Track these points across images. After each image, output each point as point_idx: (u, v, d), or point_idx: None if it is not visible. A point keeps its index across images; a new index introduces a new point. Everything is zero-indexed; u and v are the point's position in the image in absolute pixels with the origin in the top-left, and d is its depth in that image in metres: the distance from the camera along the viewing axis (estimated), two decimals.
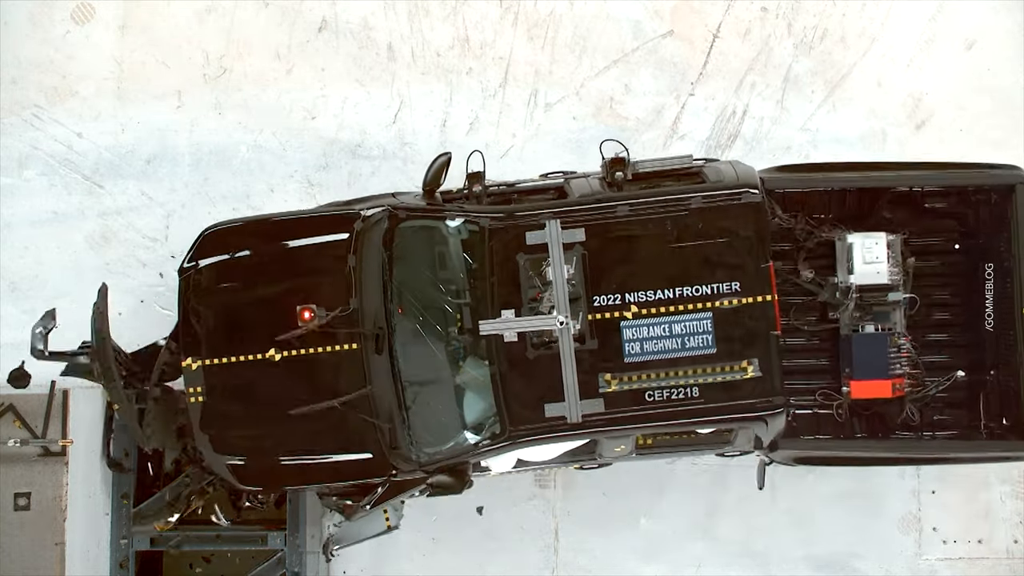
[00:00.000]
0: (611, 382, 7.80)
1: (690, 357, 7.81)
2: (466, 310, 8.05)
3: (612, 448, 8.18)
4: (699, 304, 7.82)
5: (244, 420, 8.27)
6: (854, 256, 8.28)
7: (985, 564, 9.98)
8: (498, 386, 7.90)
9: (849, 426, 8.63)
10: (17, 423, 9.42)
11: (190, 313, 8.31)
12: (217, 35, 10.15)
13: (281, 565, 9.26)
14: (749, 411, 7.82)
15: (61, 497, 9.29)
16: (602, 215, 7.91)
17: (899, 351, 8.42)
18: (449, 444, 8.08)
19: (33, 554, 9.29)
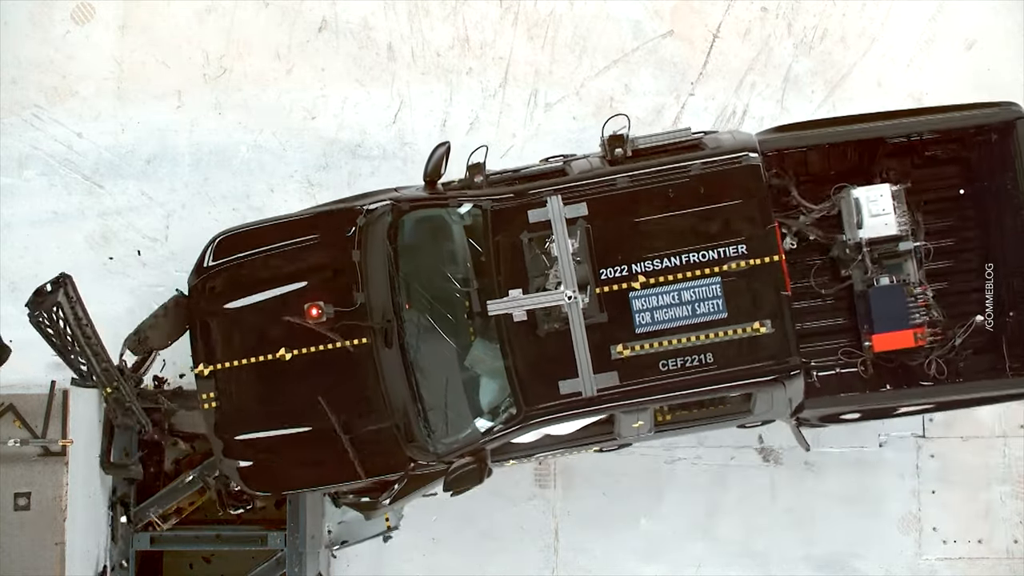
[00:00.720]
0: (624, 353, 7.74)
1: (701, 323, 7.77)
2: (474, 294, 7.99)
3: (630, 425, 8.08)
4: (706, 269, 7.80)
5: (256, 422, 8.27)
6: (861, 210, 8.25)
7: (985, 564, 9.98)
8: (511, 367, 7.84)
9: (874, 381, 8.50)
10: (17, 423, 9.42)
11: (200, 320, 8.33)
12: (217, 35, 10.15)
13: (281, 565, 9.25)
14: (765, 373, 7.77)
15: (61, 497, 9.28)
16: (603, 189, 7.90)
17: (916, 301, 8.37)
18: (466, 432, 8.02)
19: (33, 554, 9.28)
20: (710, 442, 9.98)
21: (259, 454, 8.31)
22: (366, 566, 9.93)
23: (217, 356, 8.25)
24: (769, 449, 9.99)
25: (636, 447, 9.96)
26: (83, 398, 9.36)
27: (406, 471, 8.15)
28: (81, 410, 9.36)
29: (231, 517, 9.88)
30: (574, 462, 9.96)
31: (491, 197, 8.02)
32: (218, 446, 8.36)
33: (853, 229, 8.34)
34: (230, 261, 8.40)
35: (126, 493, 9.36)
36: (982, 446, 10.02)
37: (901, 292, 8.35)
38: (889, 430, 9.99)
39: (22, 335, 9.74)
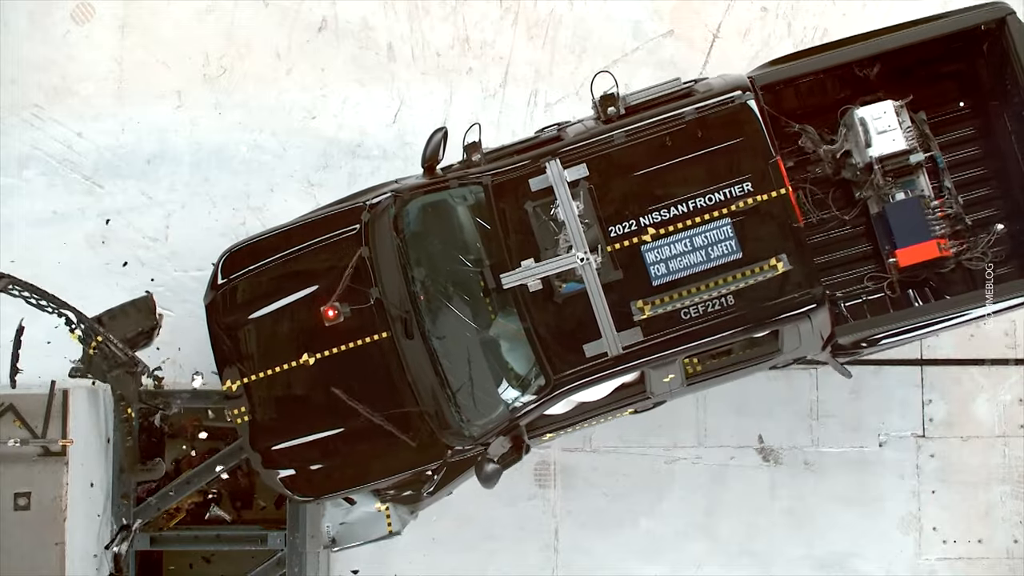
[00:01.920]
0: (644, 308, 7.68)
1: (717, 267, 7.71)
2: (487, 271, 7.94)
3: (661, 380, 8.03)
4: (715, 212, 7.75)
5: (291, 430, 8.29)
6: (868, 129, 8.23)
7: (985, 564, 9.99)
8: (533, 338, 7.78)
9: (902, 300, 8.47)
10: (17, 423, 9.43)
11: (220, 337, 8.35)
12: (217, 35, 10.15)
13: (281, 565, 9.25)
14: (788, 308, 7.70)
15: (61, 497, 9.29)
16: (601, 147, 7.86)
17: (934, 212, 8.36)
18: (499, 410, 7.98)
19: (33, 554, 9.29)
20: (710, 442, 9.99)
21: (299, 461, 8.32)
22: (366, 566, 9.93)
23: (242, 371, 8.28)
24: (769, 449, 10.00)
25: (636, 447, 9.97)
26: (83, 398, 9.37)
27: (444, 459, 8.13)
28: (81, 410, 9.36)
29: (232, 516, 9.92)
30: (574, 462, 9.97)
31: (490, 172, 7.98)
32: (256, 459, 8.38)
33: (862, 150, 8.31)
34: (242, 275, 8.41)
35: (126, 493, 9.36)
36: (982, 446, 10.02)
37: (917, 204, 8.31)
38: (889, 430, 10.00)
39: (23, 335, 9.76)
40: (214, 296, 8.42)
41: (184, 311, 9.94)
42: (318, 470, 8.34)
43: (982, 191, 8.61)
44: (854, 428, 9.99)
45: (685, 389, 8.35)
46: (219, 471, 9.03)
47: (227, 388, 8.28)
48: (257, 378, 8.26)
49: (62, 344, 9.84)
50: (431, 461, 8.19)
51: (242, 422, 8.30)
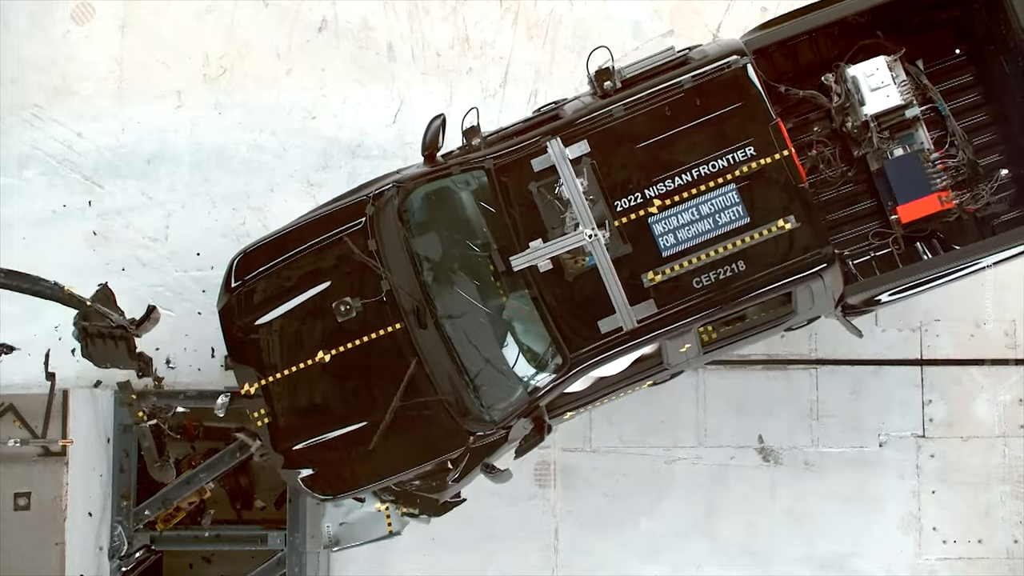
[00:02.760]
0: (656, 280, 7.70)
1: (726, 232, 7.72)
2: (496, 255, 7.94)
3: (677, 351, 8.04)
4: (719, 179, 7.76)
5: (310, 428, 8.28)
6: (861, 88, 8.22)
7: (985, 564, 9.99)
8: (547, 318, 7.79)
9: (910, 255, 8.48)
10: (17, 423, 9.44)
11: (235, 341, 8.37)
12: (217, 35, 10.16)
13: (281, 565, 9.26)
14: (800, 269, 7.71)
15: (61, 497, 9.30)
16: (601, 122, 7.86)
17: (934, 165, 8.35)
18: (517, 392, 7.99)
19: (33, 554, 9.29)
20: (710, 442, 9.99)
21: (320, 459, 8.30)
22: (366, 566, 9.92)
23: (259, 373, 8.28)
24: (769, 449, 10.00)
25: (636, 447, 9.97)
26: (83, 398, 9.38)
27: (467, 446, 8.13)
28: (81, 410, 9.37)
29: (232, 516, 9.92)
30: (574, 462, 9.97)
31: (492, 156, 7.97)
32: (278, 460, 8.38)
33: (856, 108, 8.30)
34: (252, 278, 8.40)
35: (126, 493, 9.36)
36: (982, 446, 10.02)
37: (916, 159, 8.31)
38: (889, 430, 10.00)
39: (22, 335, 9.78)
40: (227, 300, 8.42)
41: (184, 311, 9.94)
42: (340, 467, 8.31)
43: (984, 137, 8.57)
44: (854, 428, 9.99)
45: (702, 358, 8.35)
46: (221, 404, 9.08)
47: (245, 391, 8.27)
48: (274, 379, 8.26)
49: (63, 344, 9.86)
50: (454, 449, 8.16)
51: (261, 424, 8.28)
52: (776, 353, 10.03)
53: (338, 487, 8.38)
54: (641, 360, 8.15)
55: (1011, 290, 10.05)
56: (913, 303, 10.03)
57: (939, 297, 10.05)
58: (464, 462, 8.24)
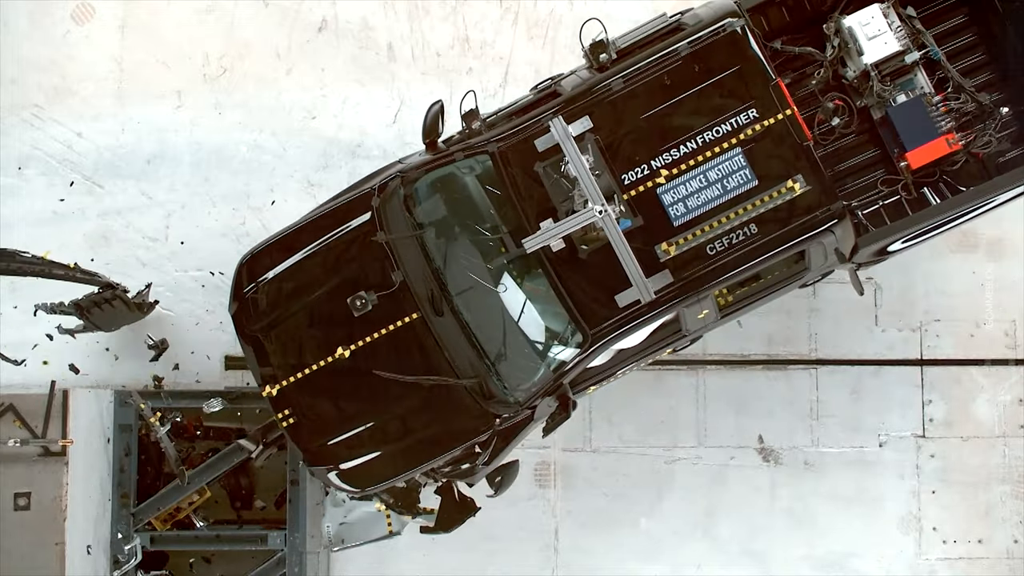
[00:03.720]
0: (669, 250, 7.71)
1: (735, 197, 7.74)
2: (507, 238, 7.94)
3: (695, 317, 8.05)
4: (724, 143, 7.76)
5: (336, 425, 8.26)
6: (858, 37, 8.20)
7: (985, 564, 9.99)
8: (564, 297, 7.79)
9: (919, 201, 8.45)
10: (17, 423, 9.41)
11: (252, 344, 8.33)
12: (217, 35, 10.15)
13: (281, 565, 9.26)
14: (812, 227, 7.74)
15: (61, 497, 9.28)
16: (601, 96, 7.84)
17: (937, 108, 8.34)
18: (540, 372, 8.00)
19: (33, 554, 9.28)
20: (710, 442, 9.99)
21: (349, 455, 8.28)
22: (366, 566, 9.93)
23: (279, 374, 8.23)
24: (769, 449, 10.00)
25: (636, 447, 9.98)
26: (83, 398, 9.37)
27: (494, 428, 8.14)
28: (81, 410, 9.36)
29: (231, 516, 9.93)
30: (574, 462, 9.97)
31: (494, 139, 7.95)
32: (306, 459, 8.38)
33: (855, 59, 8.29)
34: (262, 280, 8.36)
35: (126, 492, 9.37)
36: (982, 446, 10.03)
37: (920, 104, 8.31)
38: (889, 430, 10.00)
39: (22, 335, 9.77)
40: (239, 305, 8.38)
41: (184, 311, 9.94)
42: (369, 460, 8.28)
43: (982, 77, 8.56)
44: (854, 428, 9.99)
45: (720, 321, 8.37)
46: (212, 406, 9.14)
47: (267, 393, 8.23)
48: (295, 379, 8.22)
49: (61, 344, 9.86)
50: (480, 433, 8.17)
51: (287, 424, 8.25)
52: (776, 353, 10.04)
53: (371, 479, 8.35)
54: (660, 328, 8.16)
55: (1011, 290, 10.06)
56: (913, 303, 10.06)
57: (939, 297, 10.07)
58: (492, 445, 8.26)
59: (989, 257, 10.10)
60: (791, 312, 10.03)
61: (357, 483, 8.32)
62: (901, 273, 10.07)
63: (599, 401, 9.88)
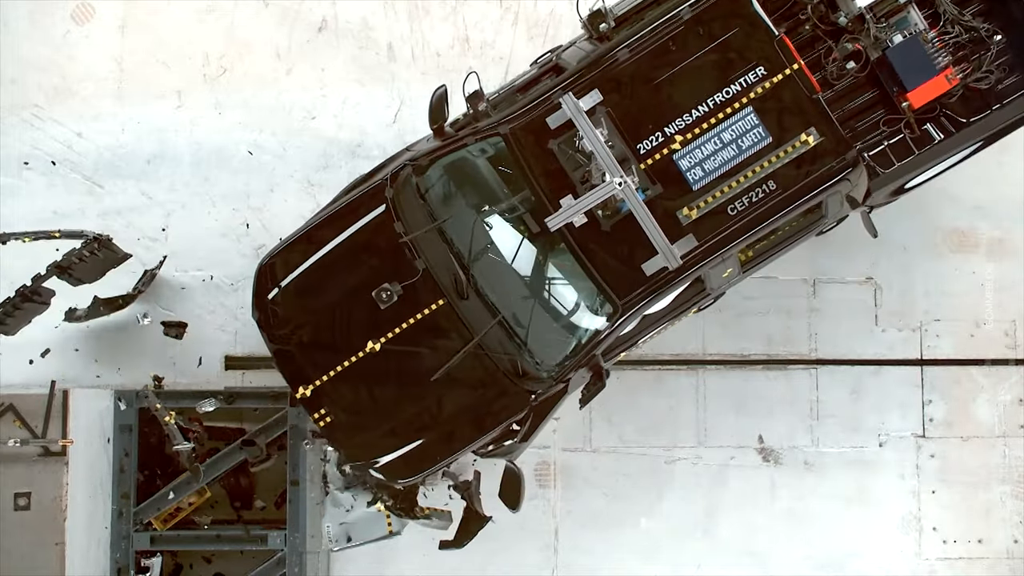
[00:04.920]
0: (691, 214, 7.77)
1: (751, 156, 7.80)
2: (527, 217, 7.96)
3: (720, 276, 8.16)
4: (735, 104, 7.81)
5: (374, 420, 8.28)
6: None
7: (985, 564, 9.99)
8: (590, 270, 7.84)
9: (923, 138, 8.44)
10: (17, 423, 9.43)
11: (280, 348, 8.33)
12: (217, 35, 10.15)
13: (281, 565, 9.26)
14: (828, 177, 7.81)
15: (61, 497, 9.29)
16: (607, 68, 7.86)
17: (933, 45, 8.33)
18: (571, 346, 8.05)
19: (33, 554, 9.29)
20: (710, 442, 9.99)
21: (388, 447, 8.28)
22: (366, 566, 9.93)
23: (310, 375, 8.23)
24: (769, 449, 10.00)
25: (636, 447, 9.98)
26: (83, 398, 9.38)
27: (529, 405, 8.18)
28: (81, 410, 9.37)
29: (231, 516, 9.93)
30: (574, 462, 9.97)
31: (505, 120, 7.96)
32: (345, 457, 8.43)
33: (848, 2, 8.28)
34: (284, 282, 8.36)
35: (126, 492, 9.37)
36: (982, 446, 10.03)
37: (918, 42, 8.30)
38: (889, 430, 10.01)
39: (23, 335, 9.76)
40: (263, 309, 8.37)
41: (183, 311, 9.94)
42: (410, 451, 8.29)
43: (972, 6, 8.50)
44: (854, 428, 10.00)
45: (741, 276, 8.46)
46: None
47: (301, 394, 8.22)
48: (328, 378, 8.22)
49: (61, 344, 9.87)
50: (517, 412, 8.21)
51: (323, 424, 8.25)
52: (776, 353, 10.04)
53: (413, 470, 8.36)
54: (685, 290, 8.20)
55: (1011, 290, 10.06)
56: (913, 303, 10.06)
57: (939, 297, 10.07)
58: (529, 421, 8.30)
59: (989, 257, 10.10)
60: (791, 312, 10.04)
61: (400, 475, 8.35)
62: (901, 273, 10.07)
63: (599, 401, 9.86)
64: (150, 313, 9.84)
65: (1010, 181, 10.10)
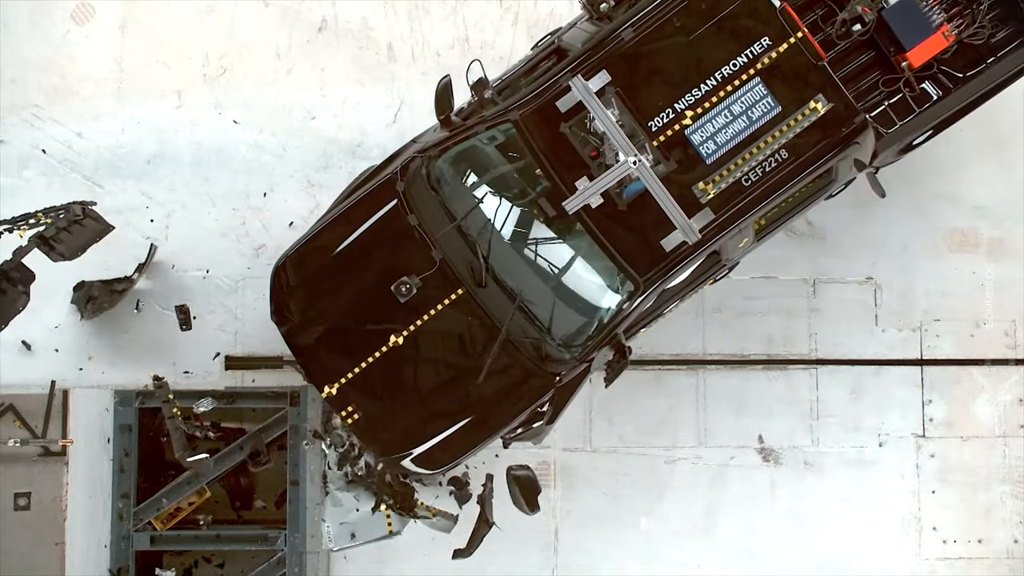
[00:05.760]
0: (707, 188, 7.83)
1: (762, 126, 7.87)
2: (543, 201, 8.00)
3: (736, 246, 8.24)
4: (743, 76, 7.86)
5: (402, 413, 8.32)
6: None
7: (985, 564, 9.99)
8: (610, 249, 7.91)
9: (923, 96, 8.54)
10: (17, 423, 9.43)
11: (302, 348, 8.36)
12: (217, 35, 10.15)
13: (281, 565, 9.26)
14: (839, 142, 7.89)
15: (61, 497, 9.30)
16: (614, 49, 7.90)
17: (927, 3, 8.40)
18: (595, 326, 8.12)
19: (33, 554, 9.29)
20: (710, 442, 9.99)
21: (419, 438, 8.32)
22: (366, 566, 9.92)
23: (335, 373, 8.26)
24: (769, 449, 10.00)
25: (636, 447, 9.98)
26: (83, 398, 9.38)
27: (554, 386, 8.24)
28: (81, 410, 9.37)
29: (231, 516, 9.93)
30: (574, 462, 9.97)
31: (513, 107, 8.00)
32: (376, 452, 8.46)
33: None
34: (299, 283, 8.39)
35: (126, 492, 9.37)
36: (982, 446, 10.03)
37: (913, 2, 8.37)
38: (889, 430, 10.00)
39: (22, 335, 9.77)
40: (281, 311, 8.39)
41: None
42: (441, 440, 8.32)
43: None
44: (854, 428, 10.00)
45: (755, 245, 8.56)
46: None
47: (327, 393, 8.25)
48: (353, 374, 8.24)
49: (62, 344, 9.86)
50: (543, 394, 8.27)
51: (352, 421, 8.28)
52: (776, 353, 10.04)
53: (445, 459, 8.41)
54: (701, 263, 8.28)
55: (1011, 290, 10.06)
56: (913, 303, 10.06)
57: (939, 297, 10.07)
58: (554, 403, 8.37)
59: (989, 257, 10.10)
60: (791, 312, 10.04)
61: (432, 464, 8.39)
62: (901, 273, 10.08)
63: (599, 401, 9.88)
64: (147, 304, 9.84)
65: (1010, 181, 10.11)
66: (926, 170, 10.10)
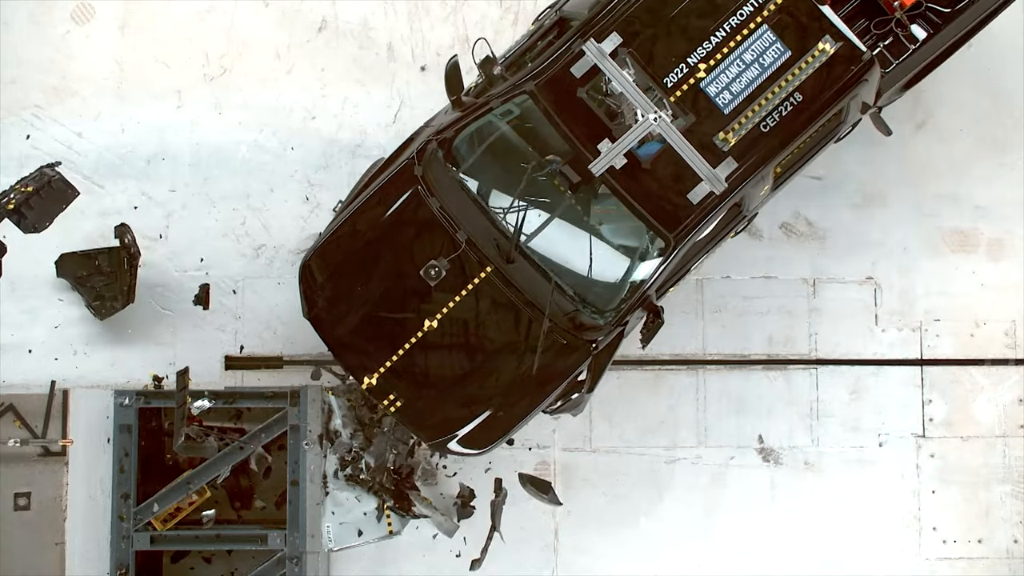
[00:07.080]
0: (728, 138, 7.94)
1: (775, 71, 7.98)
2: (566, 169, 8.08)
3: (757, 194, 8.32)
4: (751, 24, 7.97)
5: (444, 396, 8.38)
6: None
7: (985, 564, 9.99)
8: (639, 209, 8.01)
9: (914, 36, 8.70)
10: (17, 423, 9.43)
11: (337, 343, 8.41)
12: (217, 35, 10.15)
13: (281, 565, 9.26)
14: (851, 82, 8.02)
15: (61, 497, 9.30)
16: (622, 10, 7.98)
17: None
18: (627, 288, 8.23)
19: (33, 554, 9.29)
20: (710, 442, 9.99)
21: (462, 421, 8.40)
22: (366, 566, 9.92)
23: (373, 364, 8.32)
24: (769, 449, 10.00)
25: (636, 447, 9.98)
26: (83, 398, 9.38)
27: (592, 354, 8.33)
28: (81, 410, 9.38)
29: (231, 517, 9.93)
30: (574, 462, 9.97)
31: (528, 77, 8.06)
32: (423, 438, 8.53)
33: None
34: (327, 278, 8.43)
35: (126, 492, 9.37)
36: (982, 446, 10.03)
37: None
38: (889, 430, 10.00)
39: (22, 335, 9.78)
40: (314, 307, 8.44)
41: (183, 311, 9.94)
42: (484, 420, 8.40)
43: None
44: (854, 428, 10.00)
45: (773, 194, 8.66)
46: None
47: (367, 384, 8.31)
48: (392, 362, 8.30)
49: (61, 343, 9.87)
50: (581, 363, 8.37)
51: (394, 409, 8.34)
52: (776, 353, 10.04)
53: (490, 438, 8.49)
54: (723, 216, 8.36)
55: (1011, 290, 10.06)
56: (913, 303, 10.06)
57: (939, 297, 10.07)
58: (592, 371, 8.43)
59: (989, 257, 10.11)
60: (791, 312, 10.04)
61: (478, 444, 8.48)
62: (901, 273, 10.08)
63: (599, 401, 9.88)
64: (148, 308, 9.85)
65: (1010, 181, 10.11)
66: (926, 170, 10.12)
